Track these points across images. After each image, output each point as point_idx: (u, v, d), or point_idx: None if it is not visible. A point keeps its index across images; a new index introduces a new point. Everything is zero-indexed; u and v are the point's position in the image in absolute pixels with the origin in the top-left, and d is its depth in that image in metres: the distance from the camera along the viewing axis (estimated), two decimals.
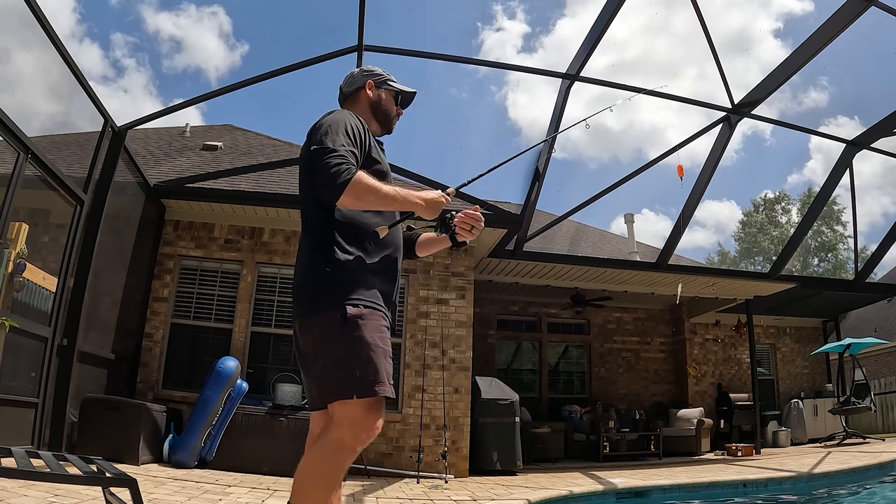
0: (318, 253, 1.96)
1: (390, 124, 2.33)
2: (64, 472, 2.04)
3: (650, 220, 48.61)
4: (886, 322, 16.22)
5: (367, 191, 1.86)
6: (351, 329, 1.85)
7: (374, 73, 2.31)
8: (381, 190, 1.89)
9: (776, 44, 39.38)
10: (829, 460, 7.12)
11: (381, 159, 2.13)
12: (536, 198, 7.42)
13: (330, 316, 1.88)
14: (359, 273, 1.94)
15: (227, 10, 46.87)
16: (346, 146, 1.89)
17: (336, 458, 1.82)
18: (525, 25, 48.13)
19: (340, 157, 1.84)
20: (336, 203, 1.86)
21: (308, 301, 1.94)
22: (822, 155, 45.10)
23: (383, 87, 2.30)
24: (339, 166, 1.82)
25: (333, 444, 1.82)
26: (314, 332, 1.92)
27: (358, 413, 1.82)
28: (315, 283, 1.94)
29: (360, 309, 1.89)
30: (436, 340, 7.12)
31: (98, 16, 42.72)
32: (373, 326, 1.89)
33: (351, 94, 2.29)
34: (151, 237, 6.86)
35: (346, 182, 1.81)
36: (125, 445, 5.09)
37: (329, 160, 1.83)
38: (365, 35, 5.96)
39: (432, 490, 5.32)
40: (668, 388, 11.49)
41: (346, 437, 1.81)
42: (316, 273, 1.95)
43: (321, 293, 1.91)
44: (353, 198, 1.84)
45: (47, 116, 5.64)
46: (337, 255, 1.93)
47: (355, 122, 2.03)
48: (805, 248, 32.94)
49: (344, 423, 1.82)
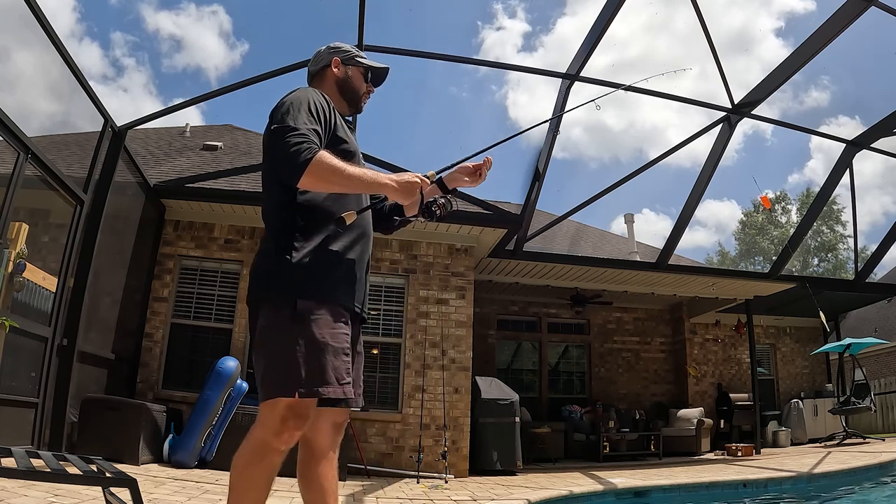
0: (274, 240, 1.86)
1: (359, 103, 2.20)
2: (64, 472, 2.04)
3: (650, 219, 48.67)
4: (886, 322, 16.22)
5: (331, 171, 1.73)
6: (299, 324, 1.74)
7: (341, 50, 2.17)
8: (346, 170, 1.76)
9: (777, 43, 39.41)
10: (829, 460, 7.12)
11: (349, 139, 2.02)
12: (536, 198, 7.42)
13: (279, 308, 1.77)
14: (316, 263, 1.82)
15: (227, 9, 46.89)
16: (309, 124, 1.78)
17: (259, 460, 1.73)
18: (525, 24, 48.17)
19: (301, 135, 1.73)
20: (297, 184, 1.73)
21: (259, 291, 1.85)
22: (823, 155, 45.15)
23: (351, 64, 2.16)
24: (299, 145, 1.70)
25: (256, 445, 1.73)
26: (262, 322, 1.81)
27: (281, 412, 1.71)
28: (267, 271, 1.84)
29: (310, 303, 1.77)
30: (436, 340, 7.12)
31: (98, 15, 42.77)
32: (324, 322, 1.77)
33: (317, 72, 2.17)
34: (151, 237, 6.86)
35: (306, 161, 1.69)
36: (125, 445, 5.09)
37: (289, 139, 1.72)
38: (365, 35, 5.97)
39: (432, 490, 5.31)
40: (668, 388, 11.48)
41: (268, 438, 1.72)
42: (270, 261, 1.84)
43: (272, 283, 1.81)
44: (314, 178, 1.72)
45: (47, 116, 5.64)
46: (294, 242, 1.81)
47: (319, 100, 1.92)
48: (805, 248, 32.93)
49: (266, 423, 1.73)
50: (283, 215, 1.87)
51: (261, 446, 1.72)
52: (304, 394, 1.70)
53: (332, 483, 1.91)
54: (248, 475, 1.72)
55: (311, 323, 1.75)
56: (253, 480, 1.72)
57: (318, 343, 1.74)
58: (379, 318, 7.30)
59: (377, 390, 7.09)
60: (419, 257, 7.41)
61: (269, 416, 1.72)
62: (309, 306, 1.76)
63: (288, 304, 1.76)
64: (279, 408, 1.71)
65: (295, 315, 1.74)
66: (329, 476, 1.90)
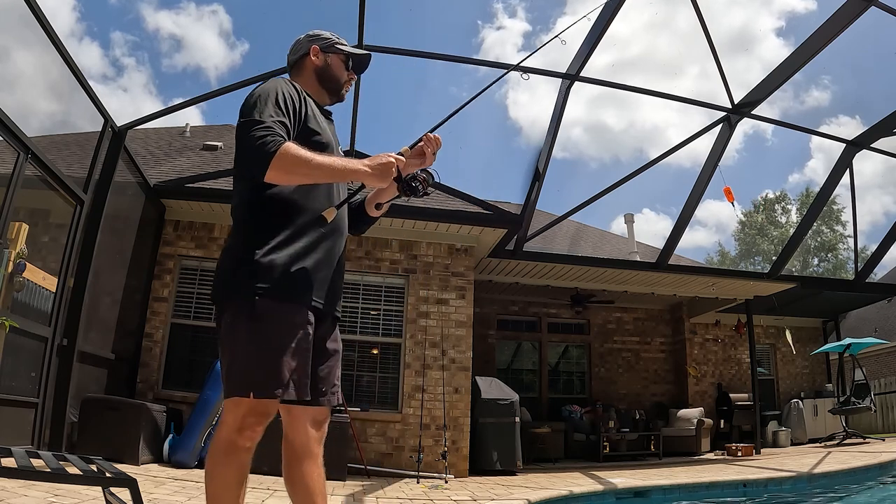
0: (238, 235, 1.83)
1: (340, 91, 2.13)
2: (64, 472, 2.04)
3: (651, 219, 48.66)
4: (886, 322, 16.22)
5: (297, 163, 1.68)
6: (257, 323, 1.72)
7: (321, 38, 2.11)
8: (313, 160, 1.70)
9: (778, 42, 39.36)
10: (829, 460, 7.12)
11: (323, 130, 1.96)
12: (536, 198, 7.42)
13: (238, 306, 1.75)
14: (279, 260, 1.77)
15: (227, 8, 46.90)
16: (275, 117, 1.74)
17: (224, 458, 1.72)
18: (525, 24, 48.15)
19: (266, 128, 1.68)
20: (263, 179, 1.68)
21: (220, 287, 1.83)
22: (824, 154, 45.14)
23: (331, 52, 2.10)
24: (263, 139, 1.66)
25: (224, 444, 1.72)
26: (224, 319, 1.80)
27: (242, 411, 1.71)
28: (230, 269, 1.81)
29: (269, 301, 1.73)
30: (436, 340, 7.12)
31: (98, 14, 42.76)
32: (282, 321, 1.74)
33: (296, 62, 2.11)
34: (151, 237, 6.86)
35: (271, 154, 1.64)
36: (125, 445, 5.09)
37: (254, 133, 1.68)
38: (365, 35, 5.97)
39: (432, 490, 5.31)
40: (668, 388, 11.48)
41: (231, 436, 1.71)
42: (233, 258, 1.82)
43: (234, 281, 1.78)
44: (280, 171, 1.67)
45: (47, 115, 5.64)
46: (258, 239, 1.78)
47: (288, 90, 1.88)
48: (805, 247, 32.94)
49: (227, 422, 1.72)
50: (249, 211, 1.84)
51: (226, 445, 1.72)
52: (258, 394, 1.69)
53: (318, 482, 1.88)
54: (218, 475, 1.72)
55: (268, 322, 1.73)
56: (223, 480, 1.72)
57: (275, 343, 1.72)
58: (379, 318, 7.30)
59: (377, 390, 7.09)
60: (419, 257, 7.41)
61: (231, 415, 1.72)
62: (267, 305, 1.73)
63: (248, 302, 1.73)
64: (241, 406, 1.71)
65: (253, 314, 1.72)
66: (314, 475, 1.88)
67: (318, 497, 1.88)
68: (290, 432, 1.91)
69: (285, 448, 1.92)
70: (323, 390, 1.91)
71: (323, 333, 1.92)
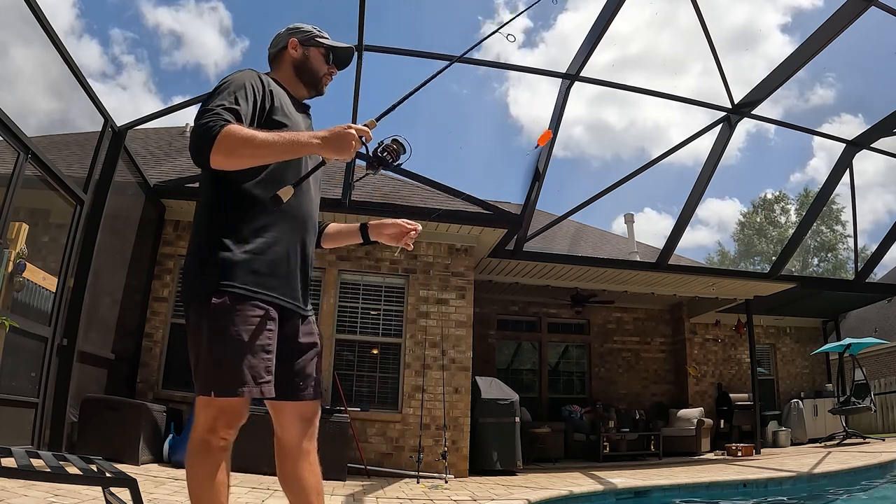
0: (198, 234, 1.82)
1: (319, 84, 2.09)
2: (64, 472, 2.04)
3: (652, 218, 48.63)
4: (886, 322, 16.22)
5: (239, 143, 1.61)
6: (217, 321, 1.70)
7: (300, 31, 2.07)
8: (257, 138, 1.61)
9: (784, 39, 39.31)
10: (829, 460, 7.12)
11: (293, 123, 1.91)
12: (536, 198, 7.42)
13: (200, 305, 1.73)
14: (238, 257, 1.74)
15: (227, 5, 46.84)
16: (225, 104, 1.69)
17: (200, 457, 1.71)
18: (527, 20, 48.13)
19: (213, 114, 1.64)
20: (209, 164, 1.62)
21: (184, 287, 1.83)
22: (826, 153, 45.15)
23: (310, 45, 2.06)
24: (206, 124, 1.61)
25: (195, 443, 1.71)
26: (189, 318, 1.79)
27: (213, 410, 1.70)
28: (191, 267, 1.80)
29: (224, 298, 1.70)
30: (436, 340, 7.12)
31: (97, 11, 42.76)
32: (241, 318, 1.71)
33: (275, 55, 2.08)
34: (151, 237, 6.86)
35: (213, 138, 1.59)
36: (125, 445, 5.09)
37: (198, 121, 1.64)
38: (365, 34, 5.97)
39: (432, 490, 5.31)
40: (668, 388, 11.48)
41: (204, 435, 1.70)
42: (193, 256, 1.81)
43: (195, 280, 1.77)
44: (223, 154, 1.61)
45: (46, 114, 5.64)
46: (216, 235, 1.76)
47: (250, 80, 1.82)
48: (805, 247, 32.93)
49: (200, 421, 1.71)
50: (208, 208, 1.82)
51: (200, 444, 1.71)
52: (220, 393, 1.68)
53: (312, 479, 1.87)
54: (196, 475, 1.71)
55: (228, 321, 1.70)
56: (201, 479, 1.71)
57: (236, 342, 1.69)
58: (379, 318, 7.30)
59: (377, 390, 7.09)
60: (419, 257, 7.41)
61: (203, 415, 1.71)
62: (227, 303, 1.70)
63: (207, 301, 1.71)
64: (211, 406, 1.70)
65: (213, 313, 1.70)
66: (306, 473, 1.86)
67: (313, 495, 1.87)
68: (279, 430, 1.91)
69: (276, 447, 1.92)
70: (301, 385, 1.89)
71: (291, 330, 1.89)
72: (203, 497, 1.69)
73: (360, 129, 1.68)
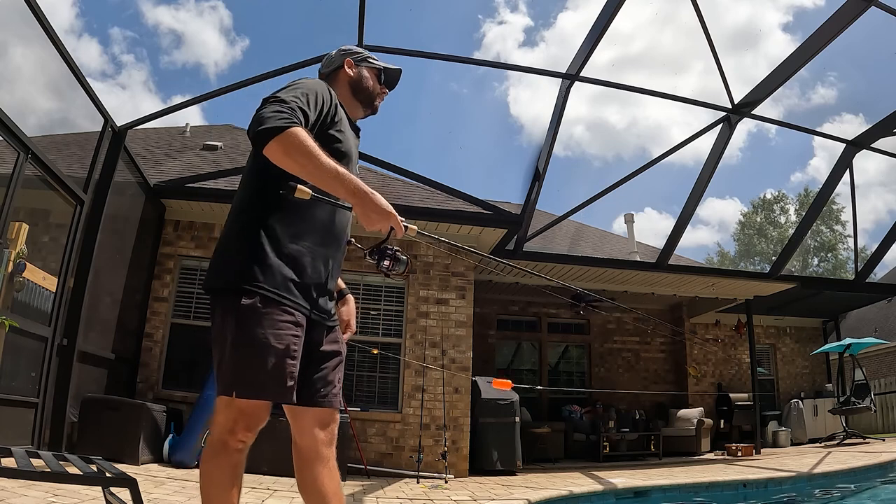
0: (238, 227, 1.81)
1: (374, 103, 2.16)
2: (64, 472, 2.04)
3: (653, 218, 48.65)
4: (886, 322, 16.22)
5: (301, 150, 1.60)
6: (243, 321, 1.69)
7: (353, 52, 2.15)
8: (320, 157, 1.61)
9: (785, 38, 39.33)
10: (829, 460, 7.12)
11: (346, 139, 1.95)
12: (536, 198, 7.42)
13: (229, 304, 1.72)
14: (272, 257, 1.74)
15: (227, 3, 46.87)
16: (298, 102, 1.70)
17: (216, 458, 1.71)
18: (527, 18, 48.18)
19: (287, 105, 1.65)
20: (262, 149, 1.62)
21: (214, 279, 1.80)
22: (827, 153, 45.16)
23: (363, 65, 2.14)
24: (277, 112, 1.62)
25: (215, 444, 1.72)
26: (216, 313, 1.77)
27: (233, 412, 1.70)
28: (223, 257, 1.80)
29: (255, 300, 1.69)
30: (436, 340, 7.12)
31: (97, 10, 42.76)
32: (270, 322, 1.70)
33: (329, 74, 2.14)
34: (151, 237, 6.86)
35: (278, 128, 1.59)
36: (125, 445, 5.09)
37: (270, 105, 1.64)
38: (365, 34, 5.97)
39: (432, 490, 5.31)
40: (668, 388, 11.48)
41: (223, 435, 1.70)
42: (226, 246, 1.81)
43: (225, 274, 1.76)
44: (282, 151, 1.60)
45: (46, 114, 5.64)
46: (259, 234, 1.76)
47: (322, 91, 1.86)
48: (805, 247, 32.94)
49: (219, 421, 1.71)
50: (254, 205, 1.82)
51: (217, 445, 1.72)
52: (241, 395, 1.68)
53: (331, 485, 1.85)
54: (210, 474, 1.72)
55: (255, 322, 1.69)
56: (215, 479, 1.71)
57: (260, 344, 1.68)
58: (379, 318, 7.30)
59: (377, 390, 7.09)
60: (419, 257, 7.41)
61: (222, 415, 1.72)
62: (255, 304, 1.69)
63: (235, 300, 1.70)
64: (231, 407, 1.70)
65: (240, 314, 1.69)
66: (325, 478, 1.85)
67: (333, 500, 1.86)
68: (297, 436, 1.89)
69: (294, 453, 1.90)
70: (322, 392, 1.89)
71: (317, 338, 1.90)
72: (214, 497, 1.70)
73: (398, 224, 1.77)
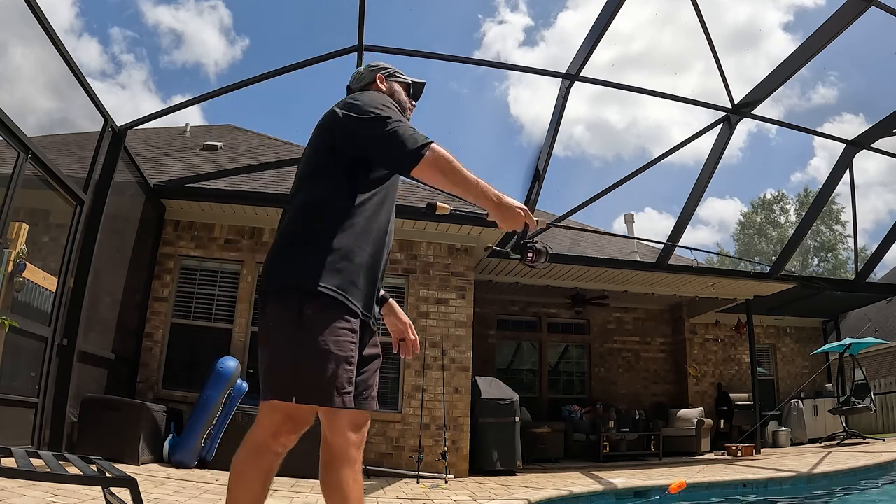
0: (301, 227, 1.78)
1: (405, 116, 2.19)
2: (64, 472, 2.03)
3: (654, 218, 48.62)
4: (886, 322, 16.22)
5: (447, 161, 1.72)
6: (304, 329, 1.67)
7: (381, 67, 2.20)
8: (459, 167, 1.74)
9: (786, 37, 39.31)
10: (829, 460, 7.12)
11: None
12: (536, 198, 7.42)
13: (287, 307, 1.70)
14: (339, 260, 1.74)
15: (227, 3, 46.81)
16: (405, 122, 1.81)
17: (255, 460, 1.70)
18: (527, 18, 48.17)
19: (408, 127, 1.76)
20: (411, 170, 1.71)
21: (271, 281, 1.77)
22: (827, 152, 45.12)
23: (393, 80, 2.19)
24: (413, 132, 1.74)
25: (253, 445, 1.70)
26: (270, 320, 1.74)
27: (280, 416, 1.69)
28: (286, 254, 1.77)
29: (319, 307, 1.68)
30: (436, 340, 7.12)
31: (97, 10, 42.72)
32: (330, 330, 1.69)
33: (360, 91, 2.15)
34: (151, 237, 6.86)
35: (426, 145, 1.70)
36: (125, 445, 5.09)
37: (397, 126, 1.74)
38: (365, 34, 5.97)
39: (432, 490, 5.31)
40: (668, 388, 11.48)
41: (265, 439, 1.70)
42: (290, 243, 1.77)
43: (286, 275, 1.74)
44: (430, 165, 1.71)
45: (46, 114, 5.64)
46: (322, 229, 1.75)
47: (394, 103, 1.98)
48: (805, 247, 32.94)
49: (264, 424, 1.71)
50: (323, 201, 1.81)
51: (257, 447, 1.71)
52: (300, 400, 1.67)
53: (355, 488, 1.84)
54: (244, 475, 1.71)
55: (316, 329, 1.68)
56: (248, 481, 1.71)
57: (321, 351, 1.67)
58: (379, 317, 7.28)
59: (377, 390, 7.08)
60: (419, 257, 7.41)
61: (267, 418, 1.71)
62: (317, 311, 1.68)
63: (296, 305, 1.69)
64: (278, 411, 1.70)
65: (301, 319, 1.67)
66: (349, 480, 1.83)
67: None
68: (329, 434, 1.87)
69: (323, 450, 1.89)
70: (364, 394, 1.90)
71: (364, 340, 1.90)
72: (242, 497, 1.68)
73: (530, 220, 1.85)
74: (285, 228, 1.84)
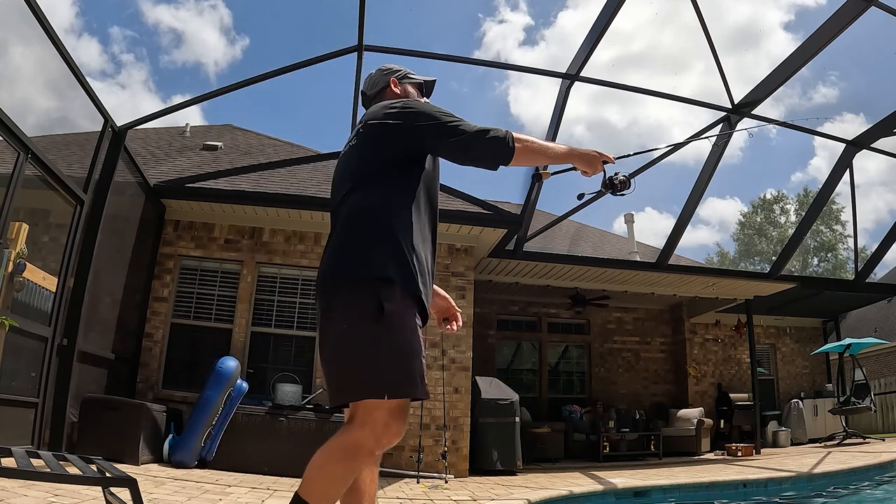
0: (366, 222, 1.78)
1: None
2: (64, 472, 2.03)
3: (654, 218, 48.60)
4: (886, 322, 16.22)
5: (530, 143, 1.90)
6: (385, 326, 1.66)
7: (394, 70, 2.24)
8: (536, 142, 1.92)
9: (787, 37, 39.27)
10: (829, 460, 7.12)
11: None
12: (536, 198, 7.43)
13: (362, 305, 1.68)
14: (409, 256, 1.75)
15: (228, 2, 46.77)
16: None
17: (351, 461, 1.66)
18: (527, 17, 48.16)
19: (476, 126, 1.86)
20: (508, 162, 1.87)
21: (339, 271, 1.75)
22: (828, 152, 45.06)
23: (406, 82, 2.23)
24: (492, 132, 1.85)
25: (351, 446, 1.65)
26: (343, 321, 1.70)
27: (384, 416, 1.65)
28: (352, 253, 1.75)
29: (396, 304, 1.68)
30: (436, 340, 7.12)
31: (97, 9, 42.68)
32: (409, 327, 1.71)
33: (377, 95, 2.20)
34: (151, 237, 6.86)
35: (512, 139, 1.85)
36: (125, 445, 5.09)
37: (473, 132, 1.84)
38: (365, 34, 5.97)
39: (432, 490, 5.31)
40: (668, 388, 11.48)
41: (367, 441, 1.65)
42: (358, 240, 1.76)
43: (359, 269, 1.72)
44: (521, 154, 1.87)
45: (45, 113, 5.64)
46: (392, 226, 1.76)
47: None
48: (805, 248, 32.93)
49: (367, 425, 1.65)
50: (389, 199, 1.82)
51: (356, 447, 1.65)
52: (393, 395, 1.65)
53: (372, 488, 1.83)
54: (337, 475, 1.65)
55: (396, 326, 1.68)
56: (341, 482, 1.66)
57: (403, 347, 1.68)
58: None
59: None
60: None
61: (371, 418, 1.65)
62: (395, 308, 1.68)
63: (372, 301, 1.67)
64: (380, 410, 1.65)
65: (381, 316, 1.66)
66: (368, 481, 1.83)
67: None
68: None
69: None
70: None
71: None
72: (326, 495, 1.63)
73: (605, 156, 2.05)
74: (347, 226, 1.82)
